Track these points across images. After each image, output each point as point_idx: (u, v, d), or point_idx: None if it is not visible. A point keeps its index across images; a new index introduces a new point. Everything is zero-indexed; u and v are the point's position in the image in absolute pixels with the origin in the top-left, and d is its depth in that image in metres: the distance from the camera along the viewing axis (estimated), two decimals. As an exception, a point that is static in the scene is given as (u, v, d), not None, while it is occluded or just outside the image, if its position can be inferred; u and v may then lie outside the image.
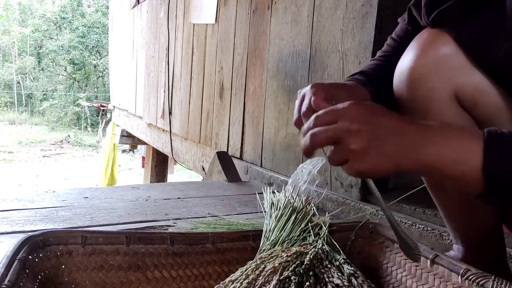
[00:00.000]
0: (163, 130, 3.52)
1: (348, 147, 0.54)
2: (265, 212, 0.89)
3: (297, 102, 0.75)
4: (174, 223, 1.28)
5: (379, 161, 0.53)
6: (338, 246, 0.76)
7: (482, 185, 0.51)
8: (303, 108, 0.70)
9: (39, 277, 0.64)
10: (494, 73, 0.70)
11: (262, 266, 0.66)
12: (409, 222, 1.25)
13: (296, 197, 0.88)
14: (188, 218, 1.34)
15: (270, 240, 0.78)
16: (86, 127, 15.83)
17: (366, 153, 0.53)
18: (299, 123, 0.70)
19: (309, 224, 0.82)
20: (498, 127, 0.71)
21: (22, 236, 0.65)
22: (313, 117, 0.58)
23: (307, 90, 0.73)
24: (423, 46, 0.73)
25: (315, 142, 0.57)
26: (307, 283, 0.62)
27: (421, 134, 0.53)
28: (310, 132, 0.57)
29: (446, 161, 0.52)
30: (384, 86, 0.81)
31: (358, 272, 0.68)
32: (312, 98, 0.69)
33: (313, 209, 0.86)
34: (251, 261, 0.69)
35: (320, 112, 0.58)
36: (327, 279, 0.64)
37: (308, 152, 0.59)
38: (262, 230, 0.82)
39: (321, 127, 0.56)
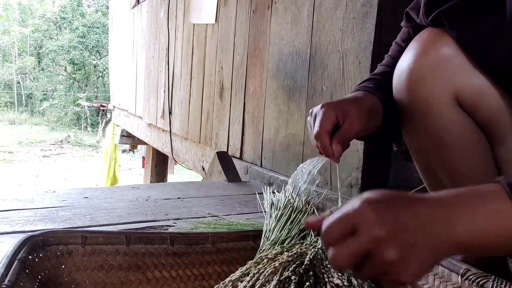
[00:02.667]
0: (163, 130, 3.52)
1: (384, 259, 0.45)
2: (265, 212, 0.89)
3: (310, 120, 0.77)
4: (174, 223, 1.28)
5: (422, 261, 0.46)
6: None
7: None
8: (314, 131, 0.73)
9: (39, 277, 0.64)
10: (495, 74, 0.70)
11: (262, 266, 0.66)
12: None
13: (296, 197, 0.88)
14: (188, 218, 1.34)
15: (270, 240, 0.78)
16: (86, 127, 15.83)
17: (406, 259, 0.45)
18: (316, 139, 0.73)
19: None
20: (498, 129, 0.71)
21: (22, 236, 0.65)
22: (323, 233, 0.48)
23: (317, 110, 0.75)
24: (423, 47, 0.73)
25: (340, 265, 0.47)
26: (307, 283, 0.62)
27: (445, 214, 0.47)
28: (330, 254, 0.48)
29: (480, 233, 0.46)
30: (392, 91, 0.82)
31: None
32: (319, 143, 0.72)
33: (313, 209, 0.86)
34: (251, 261, 0.69)
35: (331, 222, 0.48)
36: (327, 279, 0.64)
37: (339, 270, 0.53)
38: (262, 230, 0.82)
39: (340, 246, 0.47)
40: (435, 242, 0.46)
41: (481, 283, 0.59)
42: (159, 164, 5.07)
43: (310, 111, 0.79)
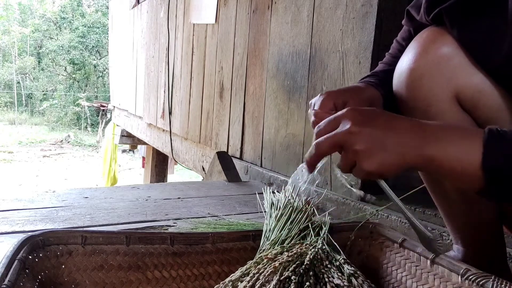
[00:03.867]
0: (163, 130, 3.52)
1: (353, 149, 0.55)
2: (265, 212, 0.89)
3: (310, 112, 0.78)
4: (174, 223, 1.28)
5: (385, 158, 0.54)
6: (338, 246, 0.76)
7: (482, 182, 0.51)
8: (311, 119, 0.75)
9: (39, 277, 0.64)
10: (495, 73, 0.70)
11: (262, 266, 0.66)
12: (409, 222, 1.25)
13: (296, 197, 0.88)
14: (188, 218, 1.34)
15: (270, 240, 0.78)
16: (86, 127, 15.82)
17: (371, 152, 0.54)
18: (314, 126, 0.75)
19: (309, 224, 0.82)
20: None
21: (22, 236, 0.65)
22: (315, 129, 0.60)
23: (316, 99, 0.77)
24: (423, 46, 0.73)
25: (320, 151, 0.59)
26: (307, 283, 0.62)
27: (423, 130, 0.55)
28: (314, 143, 0.59)
29: (448, 157, 0.52)
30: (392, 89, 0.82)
31: (358, 272, 0.68)
32: (313, 112, 0.74)
33: (313, 209, 0.86)
34: (251, 261, 0.69)
35: (322, 122, 0.60)
36: (327, 279, 0.64)
37: (312, 163, 0.62)
38: (262, 230, 0.82)
39: (323, 137, 0.58)
40: (404, 148, 0.54)
41: (481, 283, 0.59)
42: (159, 164, 5.07)
43: (310, 102, 0.80)
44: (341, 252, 0.74)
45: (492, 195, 0.53)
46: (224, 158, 2.08)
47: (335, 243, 0.77)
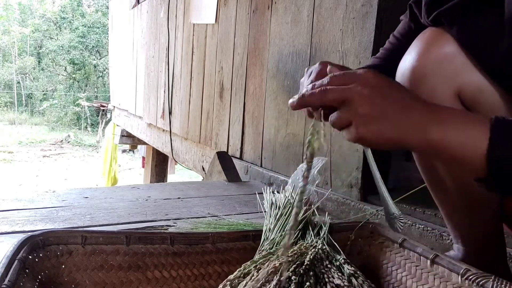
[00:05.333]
0: (163, 130, 3.52)
1: (356, 109, 0.53)
2: (265, 212, 0.89)
3: (304, 80, 0.75)
4: (174, 223, 1.28)
5: (384, 129, 0.53)
6: (338, 246, 0.76)
7: (485, 170, 0.51)
8: (312, 77, 0.72)
9: (39, 277, 0.64)
10: (495, 74, 0.70)
11: (262, 266, 0.66)
12: (409, 222, 1.25)
13: (296, 197, 0.88)
14: (188, 218, 1.34)
15: (270, 240, 0.78)
16: (86, 127, 15.82)
17: (372, 119, 0.53)
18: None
19: (309, 224, 0.82)
20: None
21: (22, 236, 0.65)
22: (328, 76, 0.57)
23: (315, 66, 0.75)
24: (425, 45, 0.73)
25: (324, 96, 0.56)
26: (307, 283, 0.62)
27: (431, 112, 0.53)
28: (323, 87, 0.56)
29: (452, 142, 0.52)
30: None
31: (358, 272, 0.68)
32: (329, 67, 0.71)
33: (313, 209, 0.86)
34: (251, 261, 0.69)
35: (338, 73, 0.57)
36: (327, 279, 0.64)
37: (311, 103, 0.58)
38: (262, 230, 0.82)
39: (335, 85, 0.56)
40: (408, 127, 0.53)
41: (481, 283, 0.59)
42: (159, 164, 5.07)
43: (306, 69, 0.78)
44: (341, 252, 0.74)
45: (493, 184, 0.52)
46: (224, 158, 2.08)
47: (335, 243, 0.77)
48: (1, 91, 17.18)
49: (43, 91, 17.42)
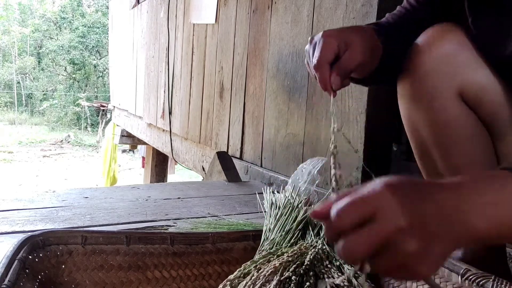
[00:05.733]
0: (163, 130, 3.52)
1: (403, 251, 0.41)
2: (265, 212, 0.89)
3: (309, 49, 0.72)
4: (174, 223, 1.28)
5: (442, 252, 0.42)
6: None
7: None
8: (314, 61, 0.69)
9: (39, 277, 0.64)
10: (503, 68, 0.70)
11: (262, 266, 0.66)
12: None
13: (296, 197, 0.88)
14: (188, 218, 1.34)
15: (270, 240, 0.78)
16: (86, 127, 15.82)
17: (426, 251, 0.41)
18: (316, 70, 0.69)
19: (309, 224, 0.82)
20: (499, 124, 0.71)
21: (22, 236, 0.65)
22: (335, 217, 0.42)
23: (318, 38, 0.71)
24: (428, 44, 0.74)
25: (355, 255, 0.42)
26: (307, 283, 0.62)
27: (464, 197, 0.44)
28: (342, 244, 0.42)
29: (501, 221, 0.43)
30: (397, 41, 0.79)
31: (358, 272, 0.68)
32: (318, 74, 0.67)
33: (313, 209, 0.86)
34: (250, 261, 0.69)
35: (344, 206, 0.42)
36: (327, 279, 0.64)
37: (351, 263, 0.45)
38: (262, 230, 0.82)
39: (355, 234, 0.41)
40: (456, 233, 0.43)
41: (481, 283, 0.59)
42: (159, 164, 5.07)
43: (310, 38, 0.73)
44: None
45: None
46: (224, 158, 2.08)
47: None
48: (1, 91, 17.19)
49: (43, 91, 17.42)
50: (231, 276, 0.67)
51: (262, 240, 0.80)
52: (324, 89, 0.70)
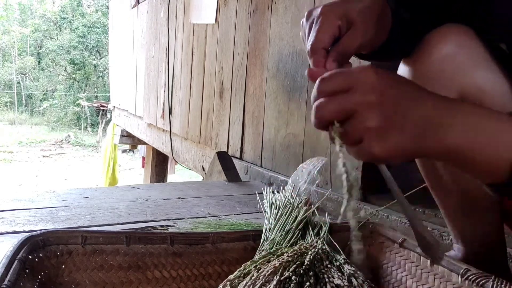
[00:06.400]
0: (163, 130, 3.52)
1: (364, 123, 0.44)
2: (265, 212, 0.89)
3: (305, 25, 0.65)
4: (174, 223, 1.28)
5: (400, 142, 0.44)
6: (338, 246, 0.76)
7: (506, 176, 0.45)
8: (308, 45, 0.61)
9: (39, 277, 0.64)
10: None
11: (262, 266, 0.66)
12: (409, 222, 1.25)
13: (296, 197, 0.88)
14: (188, 218, 1.34)
15: (270, 240, 0.78)
16: (86, 127, 15.83)
17: (385, 132, 0.44)
18: (309, 56, 0.61)
19: (309, 224, 0.82)
20: None
21: (22, 236, 0.65)
22: (318, 81, 0.46)
23: (316, 14, 0.63)
24: (427, 47, 0.74)
25: (322, 116, 0.46)
26: (308, 283, 0.62)
27: (450, 111, 0.46)
28: (316, 102, 0.46)
29: (476, 146, 0.45)
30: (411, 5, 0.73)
31: (358, 272, 0.68)
32: (312, 60, 0.58)
33: (313, 209, 0.86)
34: (250, 261, 0.69)
35: (327, 74, 0.46)
36: (327, 279, 0.64)
37: (319, 127, 0.48)
38: (262, 230, 0.82)
39: (330, 98, 0.45)
40: (425, 132, 0.44)
41: (481, 283, 0.59)
42: (159, 164, 5.07)
43: (308, 11, 0.66)
44: (341, 252, 0.74)
45: (509, 191, 0.48)
46: (224, 158, 2.08)
47: (335, 243, 0.77)
48: (1, 91, 17.19)
49: (43, 91, 17.42)
50: (231, 276, 0.67)
51: (262, 240, 0.80)
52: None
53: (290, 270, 0.64)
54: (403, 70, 0.78)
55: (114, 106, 5.79)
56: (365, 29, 0.63)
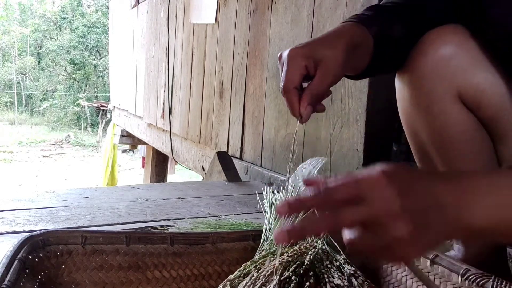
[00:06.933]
0: (163, 130, 3.52)
1: (392, 234, 0.41)
2: (265, 212, 0.89)
3: (279, 66, 0.67)
4: (174, 223, 1.28)
5: (429, 239, 0.43)
6: (338, 246, 0.76)
7: None
8: (281, 85, 0.64)
9: (39, 277, 0.64)
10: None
11: (262, 266, 0.66)
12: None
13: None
14: (188, 218, 1.34)
15: (270, 240, 0.78)
16: (86, 127, 15.83)
17: (415, 238, 0.42)
18: (283, 95, 0.64)
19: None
20: (500, 127, 0.71)
21: (22, 236, 0.65)
22: (329, 186, 0.44)
23: (285, 57, 0.65)
24: (423, 48, 0.74)
25: (338, 224, 0.43)
26: (307, 283, 0.62)
27: (466, 194, 0.44)
28: (328, 213, 0.43)
29: (501, 219, 0.44)
30: (393, 24, 0.73)
31: (358, 272, 0.68)
32: (286, 98, 0.61)
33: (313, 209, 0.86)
34: (250, 261, 0.69)
35: (338, 183, 0.43)
36: (327, 279, 0.64)
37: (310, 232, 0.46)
38: (262, 230, 0.82)
39: (342, 209, 0.42)
40: (449, 225, 0.43)
41: (481, 283, 0.59)
42: (159, 164, 5.07)
43: (279, 55, 0.67)
44: (341, 252, 0.74)
45: None
46: (224, 158, 2.08)
47: (335, 243, 0.77)
48: (1, 91, 17.19)
49: (43, 91, 17.42)
50: (231, 276, 0.67)
51: (262, 240, 0.80)
52: (293, 115, 0.65)
53: (290, 270, 0.64)
54: (399, 72, 0.78)
55: (114, 106, 5.79)
56: (335, 67, 0.64)
